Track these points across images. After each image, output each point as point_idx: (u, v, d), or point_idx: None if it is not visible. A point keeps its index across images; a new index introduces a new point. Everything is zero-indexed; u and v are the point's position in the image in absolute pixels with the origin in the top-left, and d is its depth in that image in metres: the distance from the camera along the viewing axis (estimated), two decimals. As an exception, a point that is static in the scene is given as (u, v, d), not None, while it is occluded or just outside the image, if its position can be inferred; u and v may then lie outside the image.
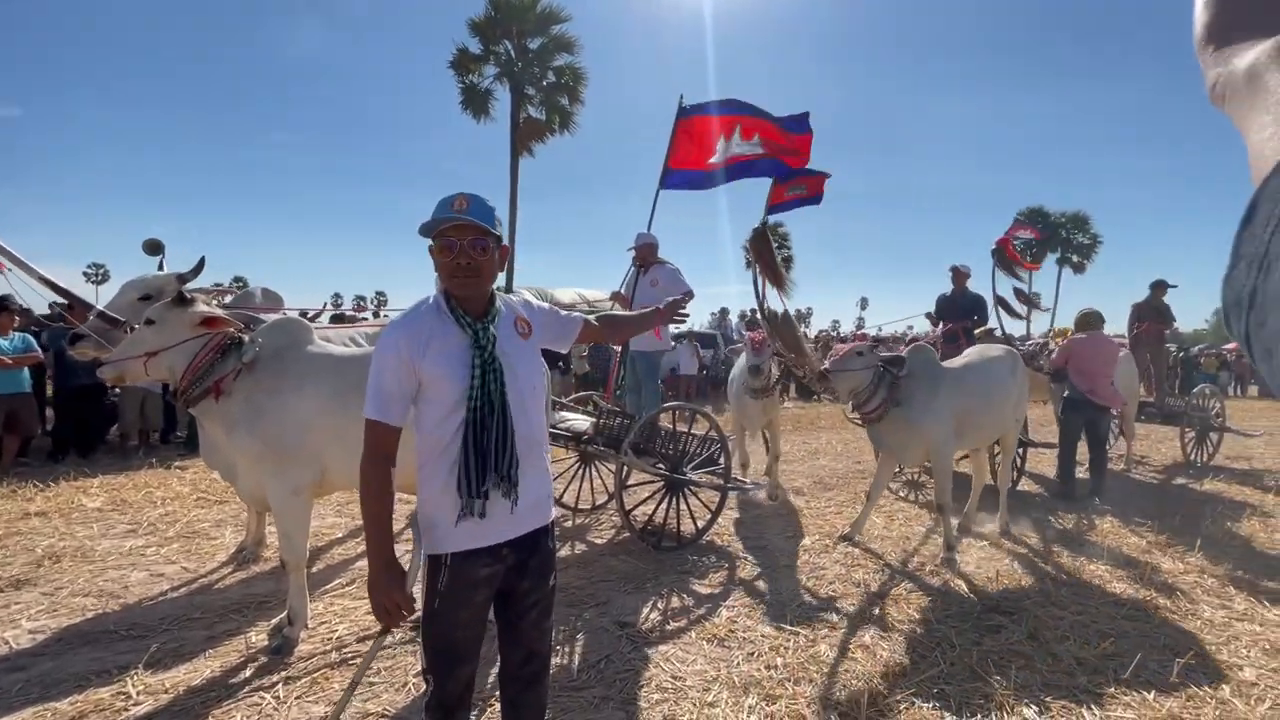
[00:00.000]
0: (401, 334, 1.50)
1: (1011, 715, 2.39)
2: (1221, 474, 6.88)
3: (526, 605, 1.64)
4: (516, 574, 1.60)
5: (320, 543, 4.12)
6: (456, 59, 17.38)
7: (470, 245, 1.50)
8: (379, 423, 1.48)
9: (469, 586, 1.53)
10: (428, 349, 1.49)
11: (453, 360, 1.50)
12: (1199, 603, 3.48)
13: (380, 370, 1.49)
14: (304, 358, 2.85)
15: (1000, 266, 7.46)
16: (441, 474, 1.51)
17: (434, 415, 1.52)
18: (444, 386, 1.49)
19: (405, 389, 1.50)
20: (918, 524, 4.89)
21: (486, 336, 1.52)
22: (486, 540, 1.53)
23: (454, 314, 1.53)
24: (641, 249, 5.11)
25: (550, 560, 1.68)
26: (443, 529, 1.52)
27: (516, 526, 1.57)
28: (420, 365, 1.48)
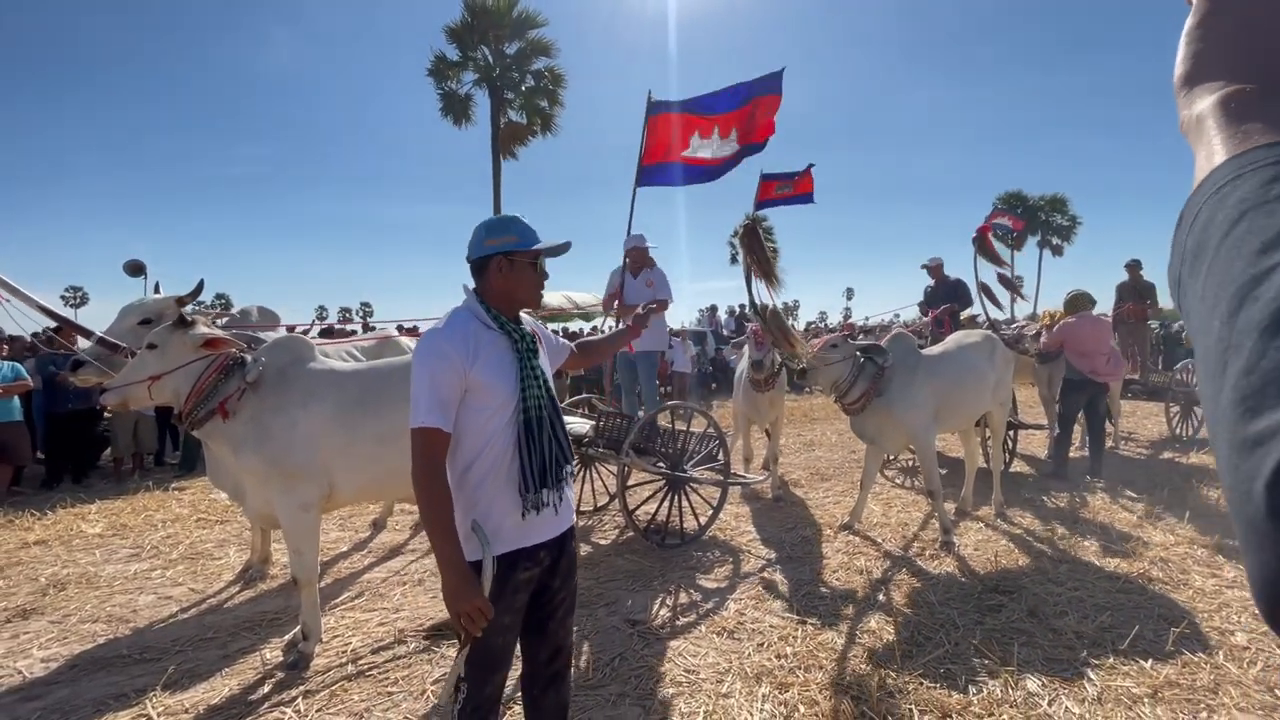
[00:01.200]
0: (448, 341, 1.54)
1: (1016, 690, 2.47)
2: (1206, 447, 7.03)
3: (556, 603, 1.71)
4: (549, 574, 1.68)
5: (325, 557, 4.13)
6: (434, 66, 17.33)
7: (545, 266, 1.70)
8: (435, 429, 1.50)
9: (512, 591, 1.59)
10: (478, 355, 1.55)
11: (502, 364, 1.58)
12: (1190, 573, 3.59)
13: (431, 377, 1.51)
14: (308, 374, 2.87)
15: (981, 254, 7.61)
16: (494, 476, 1.57)
17: (481, 419, 1.56)
18: (493, 391, 1.56)
19: (454, 395, 1.54)
20: (915, 510, 4.98)
21: (527, 342, 1.63)
22: (530, 540, 1.60)
23: (498, 320, 1.62)
24: (633, 252, 5.17)
25: (575, 558, 1.78)
26: (490, 530, 1.57)
27: (555, 527, 1.65)
28: (471, 371, 1.53)
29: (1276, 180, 0.33)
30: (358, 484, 2.90)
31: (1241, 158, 0.36)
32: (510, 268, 1.62)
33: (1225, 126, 0.38)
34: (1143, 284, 8.94)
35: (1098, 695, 2.42)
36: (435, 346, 1.53)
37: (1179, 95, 0.43)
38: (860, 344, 4.39)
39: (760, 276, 5.23)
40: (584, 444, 4.35)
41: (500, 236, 1.63)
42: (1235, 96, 0.39)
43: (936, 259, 7.51)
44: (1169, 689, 2.45)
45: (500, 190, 17.79)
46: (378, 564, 4.05)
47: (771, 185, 6.60)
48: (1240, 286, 0.31)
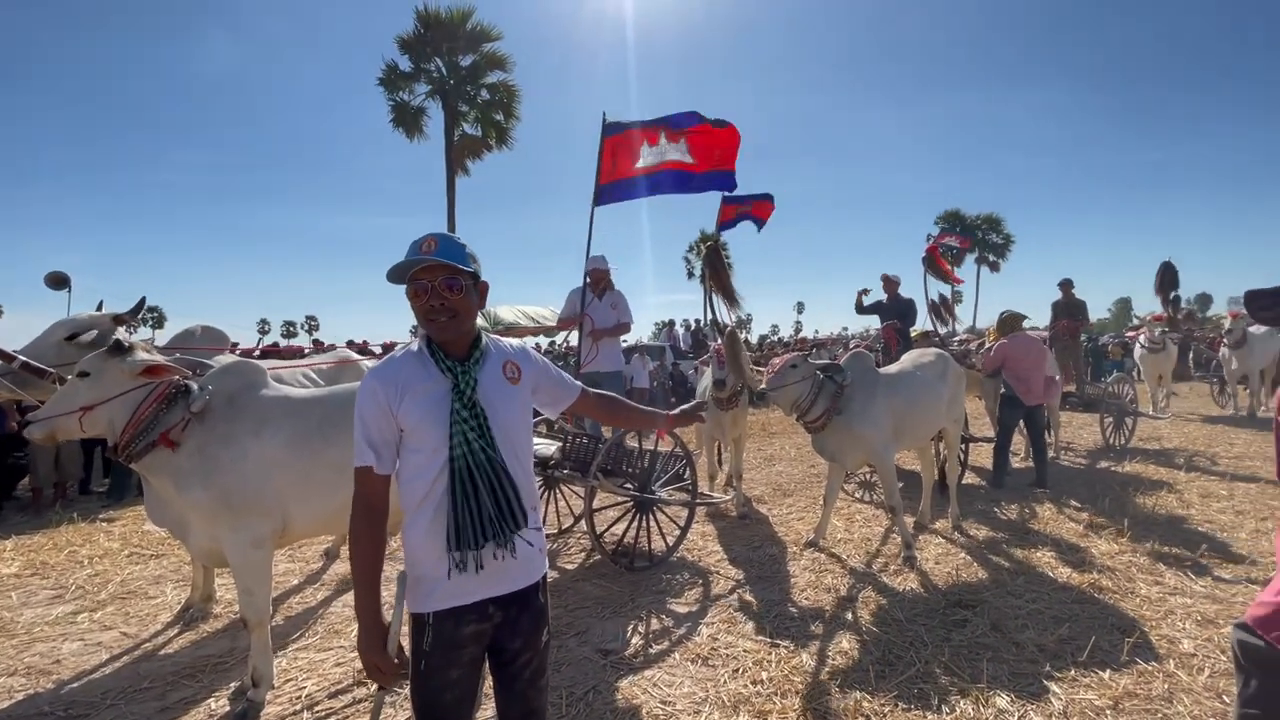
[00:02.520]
0: (378, 381, 1.46)
1: (987, 708, 2.51)
2: (1138, 455, 7.46)
3: (519, 665, 1.55)
4: (507, 632, 1.52)
5: (275, 592, 3.89)
6: (385, 76, 17.02)
7: (443, 286, 1.45)
8: (365, 468, 1.44)
9: (455, 646, 1.46)
10: (404, 395, 1.44)
11: (430, 406, 1.45)
12: (1135, 581, 3.76)
13: (362, 419, 1.45)
14: (260, 402, 2.71)
15: (931, 271, 7.94)
16: (423, 526, 1.45)
17: (415, 463, 1.46)
18: (423, 433, 1.45)
19: (389, 437, 1.46)
20: (876, 525, 5.07)
21: (467, 380, 1.47)
22: (470, 597, 1.46)
23: (434, 357, 1.48)
24: (595, 273, 5.15)
25: (542, 616, 1.59)
26: (425, 585, 1.45)
27: (503, 584, 1.50)
28: (398, 412, 1.44)
29: None
30: (315, 517, 2.74)
31: None
32: (410, 295, 1.48)
33: None
34: (1074, 301, 9.48)
35: (1063, 709, 2.49)
36: (366, 384, 1.47)
37: None
38: (819, 363, 4.46)
39: (721, 296, 5.30)
40: (550, 466, 4.26)
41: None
42: None
43: (896, 276, 7.75)
44: (1128, 700, 2.54)
45: (454, 204, 17.53)
46: (333, 598, 3.84)
47: (733, 209, 6.72)
48: None
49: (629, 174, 5.43)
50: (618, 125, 5.36)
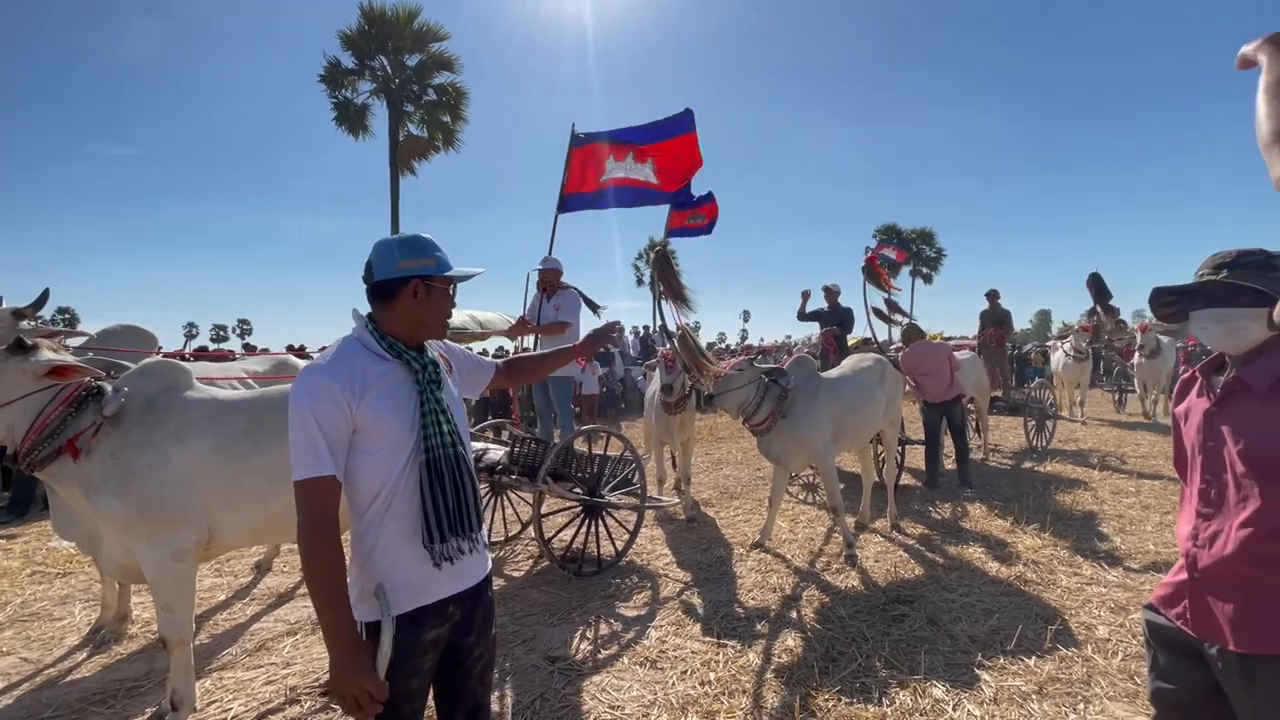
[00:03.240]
0: (329, 376, 1.34)
1: (924, 698, 2.61)
2: (1058, 456, 7.94)
3: (473, 660, 1.54)
4: (462, 630, 1.50)
5: (199, 609, 3.66)
6: (327, 72, 16.42)
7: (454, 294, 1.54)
8: (320, 479, 1.30)
9: (417, 654, 1.40)
10: (366, 391, 1.36)
11: (396, 399, 1.40)
12: (1056, 572, 3.99)
13: (316, 422, 1.31)
14: (183, 404, 2.54)
15: (870, 281, 8.27)
16: (391, 528, 1.39)
17: (372, 464, 1.38)
18: (386, 429, 1.37)
19: (344, 437, 1.35)
20: (820, 525, 5.20)
21: (433, 371, 1.47)
22: (436, 595, 1.43)
23: (393, 350, 1.43)
24: (547, 274, 5.11)
25: (492, 610, 1.60)
26: (388, 590, 1.38)
27: (467, 578, 1.49)
28: (358, 408, 1.35)
29: None
30: (244, 527, 2.59)
31: None
32: (427, 294, 1.45)
33: None
34: (1000, 311, 10.03)
35: (993, 696, 2.61)
36: (315, 383, 1.33)
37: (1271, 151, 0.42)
38: (764, 367, 4.56)
39: (672, 301, 5.35)
40: (497, 472, 4.17)
41: (418, 258, 1.44)
42: None
43: (836, 286, 8.04)
44: (1052, 684, 2.68)
45: (399, 205, 17.04)
46: (264, 613, 3.64)
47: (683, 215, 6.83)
48: None
49: (595, 187, 5.52)
50: (586, 137, 5.44)
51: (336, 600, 1.30)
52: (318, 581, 1.31)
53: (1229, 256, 1.42)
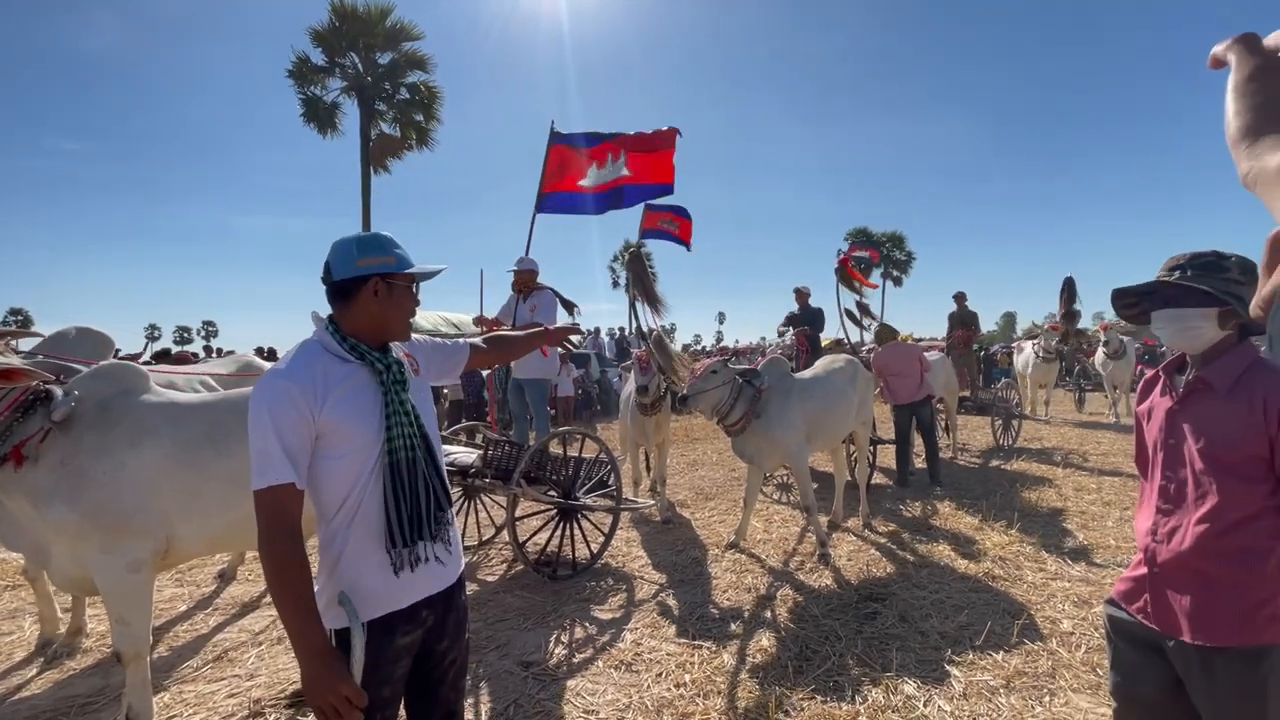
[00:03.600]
0: (290, 380, 1.31)
1: (896, 695, 2.64)
2: (1024, 454, 8.14)
3: (445, 665, 1.52)
4: (435, 635, 1.48)
5: (159, 621, 3.53)
6: (296, 68, 16.08)
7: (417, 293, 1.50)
8: (282, 486, 1.27)
9: (389, 661, 1.38)
10: (328, 396, 1.33)
11: (360, 401, 1.37)
12: (1023, 568, 4.08)
13: (277, 429, 1.28)
14: (139, 408, 2.45)
15: (843, 283, 8.38)
16: (350, 531, 1.35)
17: (337, 469, 1.35)
18: (351, 433, 1.35)
19: (306, 444, 1.32)
20: (793, 525, 5.25)
21: (396, 370, 1.43)
22: (408, 599, 1.40)
23: (355, 351, 1.40)
24: (523, 274, 5.07)
25: (465, 615, 1.58)
26: (358, 596, 1.35)
27: (439, 580, 1.46)
28: (321, 413, 1.32)
29: None
30: (205, 534, 2.51)
31: None
32: (388, 293, 1.42)
33: None
34: (967, 312, 10.25)
35: (963, 691, 2.66)
36: (275, 388, 1.30)
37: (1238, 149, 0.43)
38: (738, 368, 4.58)
39: (645, 302, 5.34)
40: (470, 475, 4.12)
41: (377, 256, 1.41)
42: None
43: (806, 287, 8.13)
44: (1019, 678, 2.74)
45: (370, 204, 16.76)
46: (227, 623, 3.53)
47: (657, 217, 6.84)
48: None
49: (574, 189, 5.50)
50: (564, 137, 5.42)
51: (303, 607, 1.26)
52: (282, 590, 1.27)
53: (1183, 259, 1.47)
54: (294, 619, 1.25)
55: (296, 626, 1.25)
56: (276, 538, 1.27)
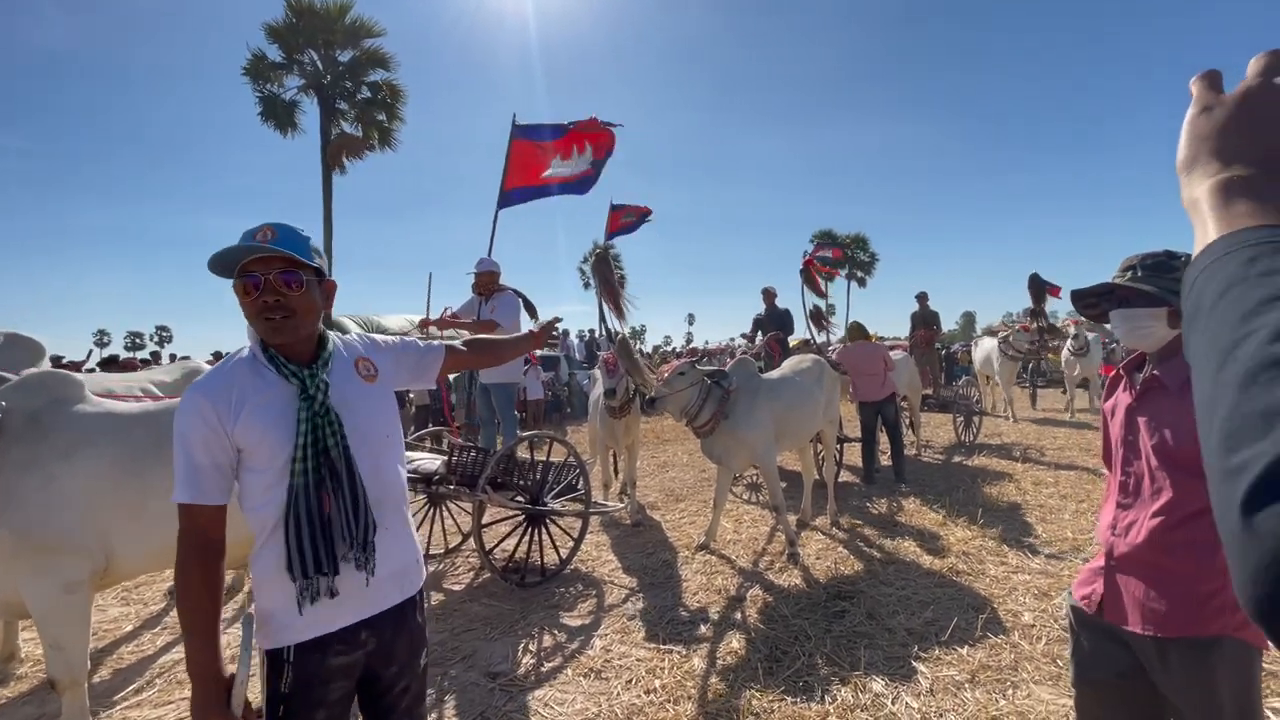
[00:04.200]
0: (204, 396, 1.25)
1: (865, 693, 2.65)
2: (984, 450, 8.34)
3: (397, 694, 1.42)
4: (381, 659, 1.38)
5: (103, 641, 3.35)
6: (252, 65, 15.60)
7: (279, 280, 1.27)
8: (192, 505, 1.23)
9: (320, 683, 1.30)
10: (241, 409, 1.25)
11: (275, 417, 1.28)
12: (985, 562, 4.16)
13: (186, 443, 1.23)
14: (73, 418, 2.31)
15: (807, 284, 8.48)
16: (276, 552, 1.28)
17: (260, 485, 1.28)
18: (267, 450, 1.27)
19: (220, 460, 1.25)
20: (763, 524, 5.26)
21: (315, 384, 1.31)
22: (337, 624, 1.31)
23: (273, 362, 1.31)
24: (483, 276, 4.97)
25: (420, 637, 1.48)
26: (281, 618, 1.28)
27: (374, 603, 1.36)
28: (234, 430, 1.25)
29: (1255, 260, 0.39)
30: (148, 550, 2.38)
31: (1229, 238, 0.42)
32: (242, 293, 1.28)
33: (1217, 209, 0.45)
34: (929, 312, 10.49)
35: (930, 687, 2.68)
36: (187, 403, 1.25)
37: (1181, 176, 0.49)
38: (706, 369, 4.57)
39: (610, 304, 5.31)
40: (434, 482, 4.02)
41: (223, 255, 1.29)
42: (1227, 182, 0.45)
43: (772, 288, 8.21)
44: (983, 672, 2.78)
45: (331, 205, 16.36)
46: (176, 643, 3.36)
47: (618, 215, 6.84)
48: (1223, 349, 0.37)
49: (536, 182, 5.46)
50: (526, 129, 5.36)
51: (199, 628, 1.22)
52: (184, 607, 1.23)
53: (1135, 259, 1.50)
54: (187, 640, 1.23)
55: (189, 648, 1.23)
56: (185, 555, 1.23)
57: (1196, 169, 0.48)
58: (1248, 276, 0.39)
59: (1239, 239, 0.42)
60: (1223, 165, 0.47)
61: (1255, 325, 0.36)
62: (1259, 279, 0.38)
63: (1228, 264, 0.41)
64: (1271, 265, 0.38)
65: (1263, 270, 0.38)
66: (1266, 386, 0.33)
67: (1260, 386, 0.34)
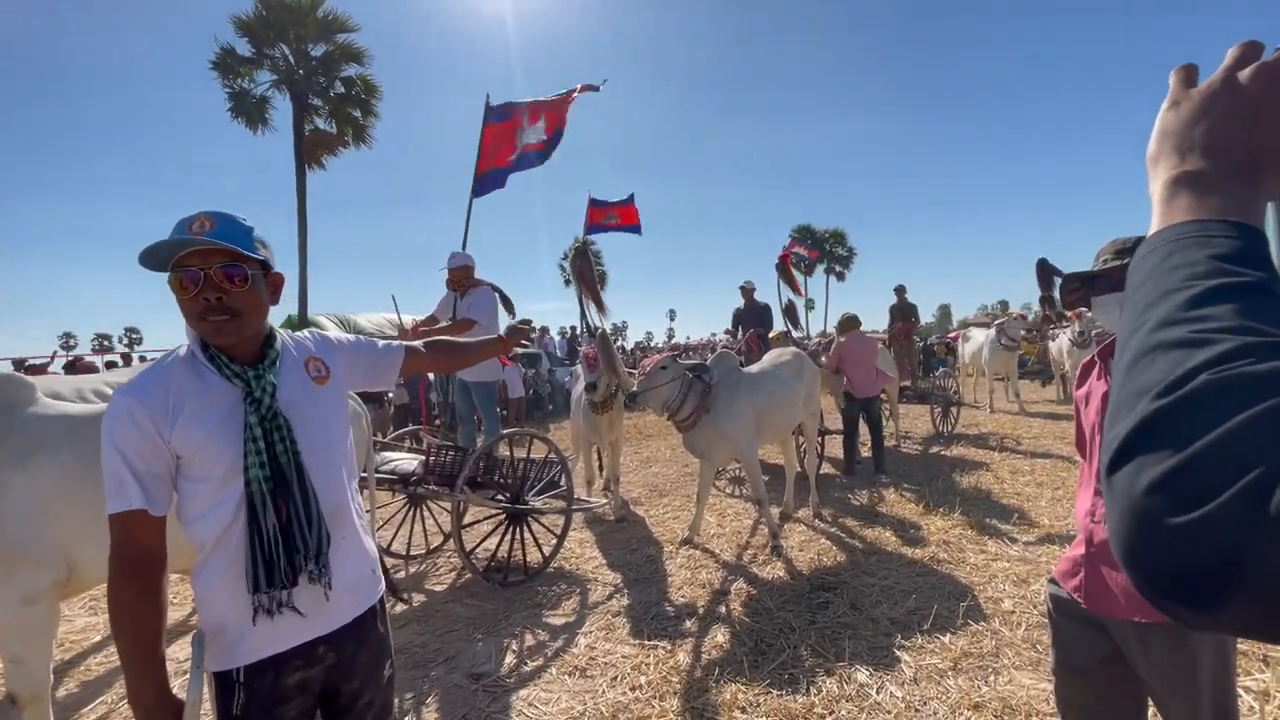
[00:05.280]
0: (137, 401, 1.15)
1: (850, 684, 2.66)
2: (962, 440, 8.46)
3: (360, 709, 1.36)
4: (341, 673, 1.32)
5: (68, 654, 3.24)
6: (220, 60, 15.22)
7: (220, 275, 1.17)
8: (125, 514, 1.13)
9: (277, 702, 1.24)
10: (180, 414, 1.17)
11: (217, 423, 1.19)
12: (965, 551, 4.21)
13: (118, 450, 1.14)
14: (25, 423, 2.21)
15: (783, 279, 8.53)
16: (223, 568, 1.20)
17: (201, 494, 1.20)
18: (208, 458, 1.18)
19: (156, 468, 1.17)
20: (746, 518, 5.27)
21: (261, 386, 1.23)
22: (292, 641, 1.25)
23: (214, 363, 1.22)
24: (456, 270, 4.84)
25: (383, 648, 1.42)
26: (229, 636, 1.21)
27: (331, 619, 1.30)
28: (172, 436, 1.16)
29: (1170, 255, 0.42)
30: (112, 560, 2.29)
31: (1158, 234, 0.45)
32: (179, 289, 1.18)
33: (1163, 203, 0.47)
34: (907, 305, 10.59)
35: (913, 676, 2.70)
36: (116, 408, 1.16)
37: (1149, 170, 0.51)
38: (688, 364, 4.56)
39: (589, 299, 5.27)
40: (412, 483, 3.95)
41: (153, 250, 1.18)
42: (1177, 177, 0.47)
43: (750, 283, 8.23)
44: (965, 659, 2.81)
45: (305, 203, 16.04)
46: (144, 654, 3.26)
47: (600, 212, 6.78)
48: (1124, 337, 0.41)
49: (504, 164, 5.40)
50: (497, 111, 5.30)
51: (143, 649, 1.13)
52: (121, 630, 1.13)
53: (1129, 241, 1.49)
54: (133, 661, 1.13)
55: (133, 670, 1.13)
56: (118, 569, 1.14)
57: (1160, 163, 0.49)
58: (1159, 270, 0.42)
59: (1164, 235, 0.44)
60: (1179, 160, 0.48)
61: (1149, 315, 0.40)
62: (1166, 273, 0.41)
63: (1149, 259, 0.43)
64: (1182, 259, 0.41)
65: (1172, 265, 0.41)
66: (1142, 370, 0.37)
67: (1138, 370, 0.38)
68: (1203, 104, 0.48)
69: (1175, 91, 0.51)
